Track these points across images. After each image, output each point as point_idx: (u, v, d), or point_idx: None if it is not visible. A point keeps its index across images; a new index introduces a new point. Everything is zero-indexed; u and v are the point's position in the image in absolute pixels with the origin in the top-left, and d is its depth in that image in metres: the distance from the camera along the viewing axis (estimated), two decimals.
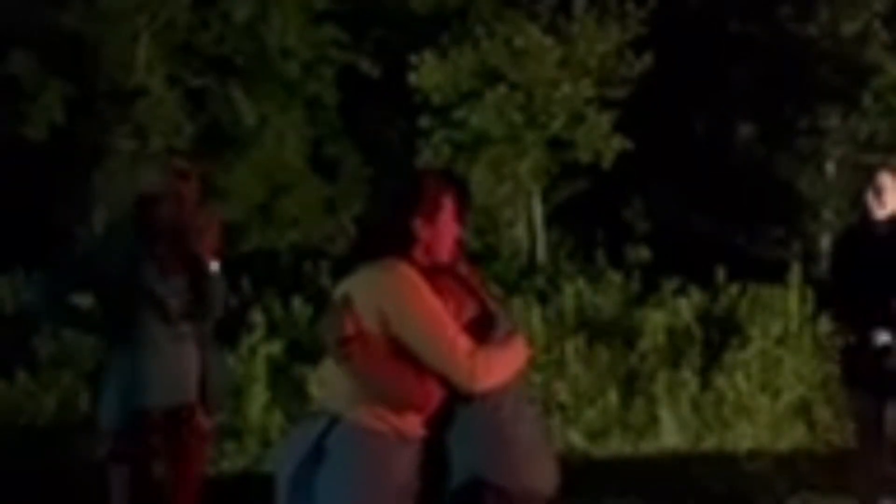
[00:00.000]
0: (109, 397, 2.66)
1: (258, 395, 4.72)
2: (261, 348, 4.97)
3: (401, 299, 1.82)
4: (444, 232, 1.90)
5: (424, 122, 6.98)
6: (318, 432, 1.84)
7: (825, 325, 4.78)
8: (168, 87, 6.87)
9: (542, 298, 5.87)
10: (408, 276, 1.84)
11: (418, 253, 1.88)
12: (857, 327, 3.35)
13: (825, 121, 7.04)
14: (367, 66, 7.10)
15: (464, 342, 1.82)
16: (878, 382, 3.36)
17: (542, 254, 7.30)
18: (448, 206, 1.90)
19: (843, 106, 6.93)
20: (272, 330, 5.04)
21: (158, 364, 2.62)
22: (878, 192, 3.38)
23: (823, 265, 6.30)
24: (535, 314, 5.51)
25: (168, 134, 6.76)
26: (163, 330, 2.63)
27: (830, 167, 7.34)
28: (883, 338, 3.28)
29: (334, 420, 1.83)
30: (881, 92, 6.69)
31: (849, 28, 6.78)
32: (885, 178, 3.40)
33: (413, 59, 6.90)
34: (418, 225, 1.87)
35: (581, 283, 6.00)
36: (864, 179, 3.55)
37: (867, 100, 6.71)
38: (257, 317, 5.07)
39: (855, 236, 3.55)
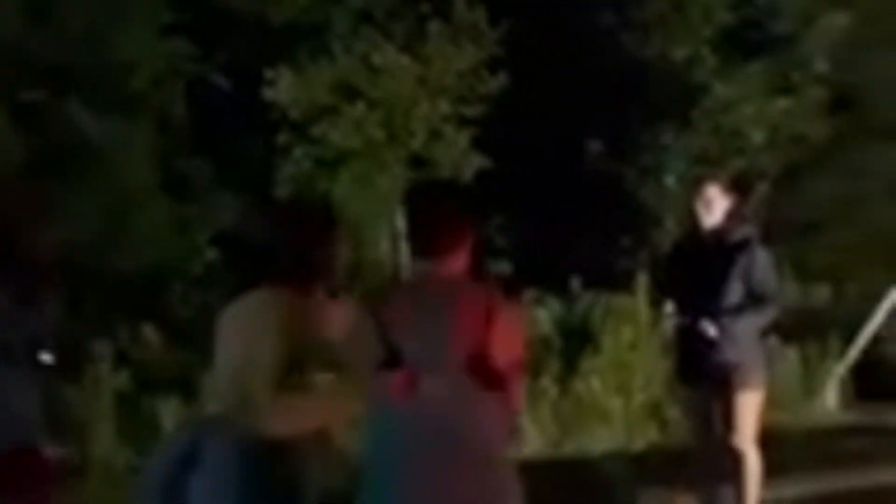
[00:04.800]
0: None
1: (103, 432, 4.40)
2: (107, 380, 4.64)
3: (252, 319, 1.86)
4: (338, 258, 2.01)
5: (282, 138, 6.84)
6: (191, 436, 1.85)
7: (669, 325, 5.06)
8: None
9: None
10: (274, 304, 1.88)
11: (314, 278, 1.96)
12: (690, 318, 3.64)
13: (663, 137, 7.55)
14: (219, 79, 6.86)
15: (270, 386, 1.83)
16: (706, 378, 3.63)
17: (406, 270, 7.33)
18: (341, 236, 2.03)
19: (678, 123, 7.46)
20: (120, 360, 4.73)
21: None
22: (707, 203, 3.68)
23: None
24: None
25: None
26: (6, 372, 2.41)
27: (670, 180, 7.88)
28: (711, 330, 3.57)
29: (213, 422, 1.82)
30: (710, 111, 7.27)
31: (680, 53, 7.32)
32: (712, 190, 3.72)
33: (268, 73, 6.76)
34: (318, 252, 1.97)
35: None
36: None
37: (698, 118, 7.27)
38: (103, 346, 4.74)
39: (687, 244, 3.87)
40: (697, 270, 3.68)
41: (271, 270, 1.96)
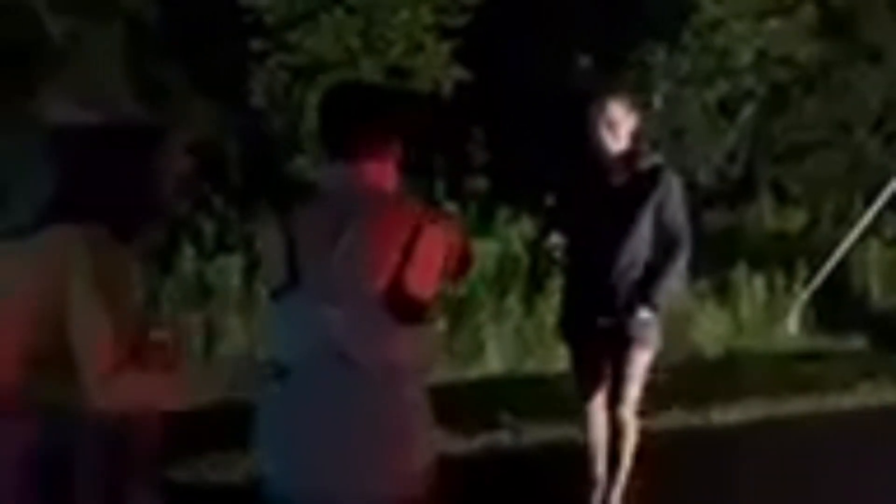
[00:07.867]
0: None
1: None
2: None
3: (92, 266, 1.58)
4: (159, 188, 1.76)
5: (256, 44, 6.64)
6: None
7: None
8: None
9: None
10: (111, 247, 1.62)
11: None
12: (596, 257, 3.16)
13: (652, 56, 7.33)
14: None
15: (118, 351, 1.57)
16: (601, 333, 3.18)
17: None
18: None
19: (668, 42, 7.24)
20: None
21: None
22: (612, 125, 3.05)
23: None
24: None
25: None
26: None
27: (657, 100, 7.70)
28: (643, 313, 3.08)
29: None
30: (700, 29, 7.04)
31: None
32: (617, 109, 3.07)
33: None
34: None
35: None
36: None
37: (687, 37, 7.04)
38: None
39: (585, 173, 3.23)
40: (602, 203, 3.10)
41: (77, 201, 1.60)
